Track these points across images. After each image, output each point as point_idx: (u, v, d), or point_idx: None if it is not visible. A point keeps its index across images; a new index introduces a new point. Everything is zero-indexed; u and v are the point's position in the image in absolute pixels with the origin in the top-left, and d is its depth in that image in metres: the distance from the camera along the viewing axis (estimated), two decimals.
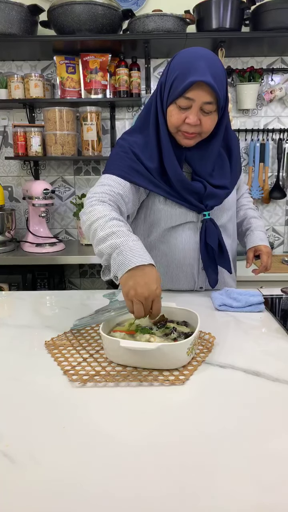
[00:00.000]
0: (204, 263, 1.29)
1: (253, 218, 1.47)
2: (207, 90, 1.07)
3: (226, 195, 1.30)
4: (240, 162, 1.40)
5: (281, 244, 2.73)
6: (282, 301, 1.30)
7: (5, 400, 0.76)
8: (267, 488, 0.55)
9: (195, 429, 0.68)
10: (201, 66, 1.06)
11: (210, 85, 1.06)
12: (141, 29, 2.23)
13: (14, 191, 2.72)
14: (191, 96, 1.08)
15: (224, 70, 1.14)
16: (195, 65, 1.07)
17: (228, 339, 1.02)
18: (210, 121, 1.14)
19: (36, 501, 0.54)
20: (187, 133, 1.14)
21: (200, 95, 1.08)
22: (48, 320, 1.15)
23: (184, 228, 1.28)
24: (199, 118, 1.11)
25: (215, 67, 1.09)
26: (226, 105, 1.18)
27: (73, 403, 0.75)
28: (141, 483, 0.56)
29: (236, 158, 1.34)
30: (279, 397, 0.77)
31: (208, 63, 1.08)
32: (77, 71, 2.44)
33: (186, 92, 1.08)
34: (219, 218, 1.31)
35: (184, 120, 1.12)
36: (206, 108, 1.10)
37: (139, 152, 1.20)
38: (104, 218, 1.02)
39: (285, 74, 2.53)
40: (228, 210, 1.34)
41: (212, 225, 1.26)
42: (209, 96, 1.08)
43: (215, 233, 1.26)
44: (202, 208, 1.25)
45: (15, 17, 2.20)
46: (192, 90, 1.07)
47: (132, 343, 0.84)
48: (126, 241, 0.94)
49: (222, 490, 0.55)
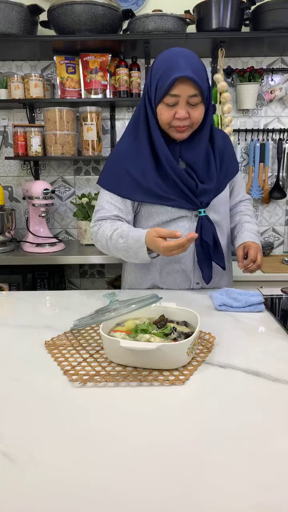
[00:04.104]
0: (199, 259, 1.33)
1: (246, 223, 1.45)
2: (190, 84, 1.15)
3: (216, 192, 1.34)
4: (233, 161, 1.43)
5: (281, 244, 2.72)
6: (282, 301, 1.30)
7: (5, 400, 0.76)
8: (267, 488, 0.55)
9: (195, 429, 0.68)
10: (180, 62, 1.15)
11: (192, 79, 1.14)
12: (141, 29, 2.23)
13: (14, 191, 2.72)
14: (176, 92, 1.16)
15: (202, 63, 1.22)
16: (175, 63, 1.16)
17: (228, 339, 1.02)
18: (198, 113, 1.22)
19: (36, 501, 0.54)
20: (179, 127, 1.22)
21: (184, 89, 1.16)
22: (48, 320, 1.15)
23: (179, 223, 1.32)
24: (187, 111, 1.20)
25: (193, 62, 1.17)
26: (210, 95, 1.26)
27: (73, 403, 0.75)
28: (141, 483, 0.56)
29: (226, 156, 1.37)
30: (279, 397, 0.77)
31: (186, 59, 1.17)
32: (77, 71, 2.44)
33: (171, 89, 1.16)
34: (212, 215, 1.34)
35: (174, 116, 1.20)
36: (192, 101, 1.18)
37: (131, 163, 1.29)
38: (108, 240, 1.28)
39: (285, 74, 2.53)
40: (221, 207, 1.37)
41: (207, 221, 1.31)
42: (192, 89, 1.16)
43: (210, 229, 1.31)
44: (198, 205, 1.29)
45: (15, 17, 2.20)
46: (176, 86, 1.15)
47: (132, 343, 0.84)
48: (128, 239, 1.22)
49: (222, 490, 0.55)
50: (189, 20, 2.25)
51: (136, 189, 1.29)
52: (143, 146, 1.28)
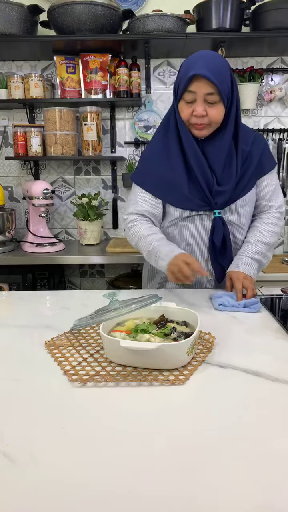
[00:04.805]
0: (211, 257, 1.37)
1: (247, 243, 1.39)
2: (206, 82, 1.20)
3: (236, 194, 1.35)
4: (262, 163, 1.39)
5: (281, 244, 2.72)
6: (282, 301, 1.30)
7: (5, 400, 0.76)
8: (267, 488, 0.55)
9: (195, 429, 0.68)
10: (199, 62, 1.21)
11: (206, 77, 1.19)
12: (141, 29, 2.23)
13: (14, 191, 2.72)
14: (193, 89, 1.22)
15: (227, 65, 1.26)
16: (194, 63, 1.22)
17: (228, 339, 1.02)
18: (215, 111, 1.25)
19: (36, 501, 0.54)
20: (197, 125, 1.27)
21: (200, 87, 1.21)
22: (48, 320, 1.15)
23: (194, 221, 1.36)
24: (205, 109, 1.24)
25: (213, 62, 1.22)
26: (233, 98, 1.28)
27: (73, 403, 0.75)
28: (141, 483, 0.56)
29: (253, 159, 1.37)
30: (279, 397, 0.77)
31: (206, 59, 1.22)
32: (77, 71, 2.44)
33: (188, 86, 1.22)
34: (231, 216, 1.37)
35: (192, 113, 1.25)
36: (209, 99, 1.23)
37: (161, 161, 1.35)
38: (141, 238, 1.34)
39: (285, 74, 2.53)
40: (243, 209, 1.38)
41: (220, 223, 1.34)
42: (209, 87, 1.21)
43: (221, 230, 1.34)
44: (213, 206, 1.33)
45: (15, 17, 2.20)
46: (193, 83, 1.22)
47: (132, 343, 0.84)
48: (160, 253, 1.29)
49: (222, 490, 0.55)
50: (189, 20, 2.25)
51: (163, 186, 1.35)
52: (172, 143, 1.34)
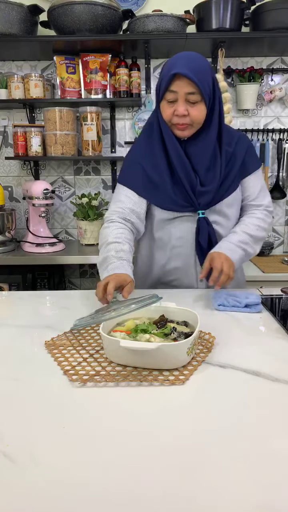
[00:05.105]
0: (199, 258, 1.36)
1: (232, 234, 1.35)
2: (187, 81, 1.19)
3: (220, 194, 1.33)
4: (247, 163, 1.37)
5: (281, 244, 2.72)
6: (282, 301, 1.30)
7: (5, 400, 0.76)
8: (267, 488, 0.55)
9: (195, 428, 0.68)
10: (180, 62, 1.21)
11: (187, 76, 1.18)
12: (141, 29, 2.23)
13: (14, 191, 2.72)
14: (174, 88, 1.21)
15: (208, 66, 1.26)
16: (175, 63, 1.21)
17: (228, 339, 1.02)
18: (197, 111, 1.24)
19: (36, 501, 0.54)
20: (179, 125, 1.26)
21: (181, 86, 1.20)
22: (48, 320, 1.15)
23: (178, 222, 1.35)
24: (187, 109, 1.23)
25: (194, 62, 1.21)
26: (215, 97, 1.27)
27: (73, 403, 0.76)
28: (141, 483, 0.56)
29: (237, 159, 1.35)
30: (279, 397, 0.77)
31: (188, 59, 1.21)
32: (77, 71, 2.43)
33: (170, 85, 1.21)
34: (215, 217, 1.36)
35: (174, 113, 1.24)
36: (190, 98, 1.22)
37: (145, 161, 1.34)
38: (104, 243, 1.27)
39: (285, 74, 2.53)
40: (228, 210, 1.37)
41: (205, 223, 1.33)
42: (190, 86, 1.20)
43: (206, 231, 1.33)
44: (196, 207, 1.32)
45: (15, 17, 2.20)
46: (174, 83, 1.20)
47: (132, 343, 0.84)
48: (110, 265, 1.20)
49: (222, 489, 0.55)
50: (189, 20, 2.24)
51: (148, 187, 1.34)
52: (156, 144, 1.33)
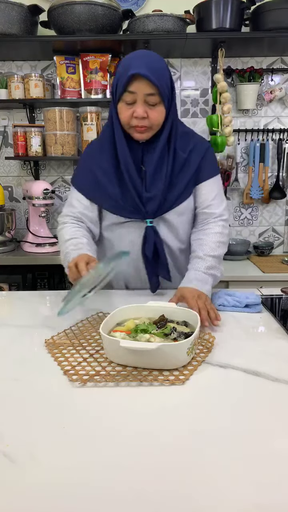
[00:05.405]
0: (145, 266, 1.32)
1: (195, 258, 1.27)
2: (146, 82, 1.15)
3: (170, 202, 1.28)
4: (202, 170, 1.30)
5: (281, 244, 2.72)
6: (282, 301, 1.30)
7: (5, 400, 0.76)
8: (267, 488, 0.55)
9: (194, 428, 0.68)
10: (137, 62, 1.16)
11: (146, 77, 1.14)
12: (141, 29, 2.23)
13: (14, 191, 2.72)
14: (132, 89, 1.16)
15: (166, 66, 1.22)
16: (132, 62, 1.17)
17: (228, 339, 1.02)
18: (157, 113, 1.20)
19: (36, 501, 0.54)
20: (138, 127, 1.21)
21: (140, 87, 1.16)
22: (48, 320, 1.15)
23: (127, 229, 1.32)
24: (146, 111, 1.18)
25: (152, 62, 1.18)
26: (173, 99, 1.24)
27: (73, 403, 0.76)
28: (141, 483, 0.56)
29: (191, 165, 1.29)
30: (279, 397, 0.77)
31: (145, 59, 1.18)
32: (77, 71, 2.43)
33: (128, 86, 1.16)
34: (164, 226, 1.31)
35: (133, 115, 1.19)
36: (150, 100, 1.17)
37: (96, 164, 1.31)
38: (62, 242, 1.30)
39: (285, 74, 2.53)
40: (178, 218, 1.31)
41: (152, 233, 1.28)
42: (149, 87, 1.16)
43: (152, 241, 1.28)
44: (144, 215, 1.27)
45: (15, 17, 2.20)
46: (132, 83, 1.16)
47: (132, 343, 0.84)
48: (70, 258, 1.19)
49: (221, 489, 0.55)
50: (189, 20, 2.24)
51: (97, 191, 1.31)
52: (106, 147, 1.29)
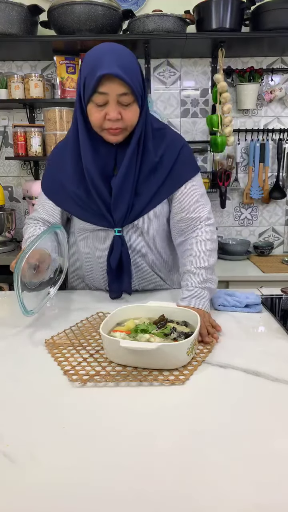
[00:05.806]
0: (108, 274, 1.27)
1: (187, 273, 1.20)
2: (118, 82, 1.06)
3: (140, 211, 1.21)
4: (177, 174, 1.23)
5: (281, 244, 2.73)
6: (282, 301, 1.30)
7: (5, 400, 0.76)
8: (267, 488, 0.55)
9: (194, 428, 0.68)
10: (107, 59, 1.06)
11: (119, 77, 1.04)
12: (141, 29, 2.23)
13: (14, 191, 2.72)
14: (104, 90, 1.07)
15: (135, 61, 1.12)
16: (101, 60, 1.06)
17: (228, 339, 1.02)
18: (131, 114, 1.11)
19: (36, 501, 0.54)
20: (111, 129, 1.12)
21: (112, 87, 1.06)
22: (48, 320, 1.15)
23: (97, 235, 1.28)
24: (119, 112, 1.10)
25: (122, 59, 1.07)
26: (145, 95, 1.15)
27: (73, 403, 0.76)
28: (141, 483, 0.56)
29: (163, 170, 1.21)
30: (279, 397, 0.77)
31: (115, 55, 1.07)
32: (77, 71, 2.43)
33: (98, 87, 1.07)
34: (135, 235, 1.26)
35: (105, 117, 1.10)
36: (123, 100, 1.08)
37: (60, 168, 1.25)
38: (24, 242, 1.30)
39: (285, 74, 2.53)
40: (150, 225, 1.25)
41: (119, 243, 1.22)
42: (122, 87, 1.06)
43: (118, 252, 1.22)
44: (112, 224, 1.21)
45: (15, 17, 2.20)
46: (103, 84, 1.06)
47: (132, 343, 0.84)
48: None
49: (221, 489, 0.55)
50: (189, 20, 2.24)
51: (62, 196, 1.26)
52: (70, 153, 1.21)
